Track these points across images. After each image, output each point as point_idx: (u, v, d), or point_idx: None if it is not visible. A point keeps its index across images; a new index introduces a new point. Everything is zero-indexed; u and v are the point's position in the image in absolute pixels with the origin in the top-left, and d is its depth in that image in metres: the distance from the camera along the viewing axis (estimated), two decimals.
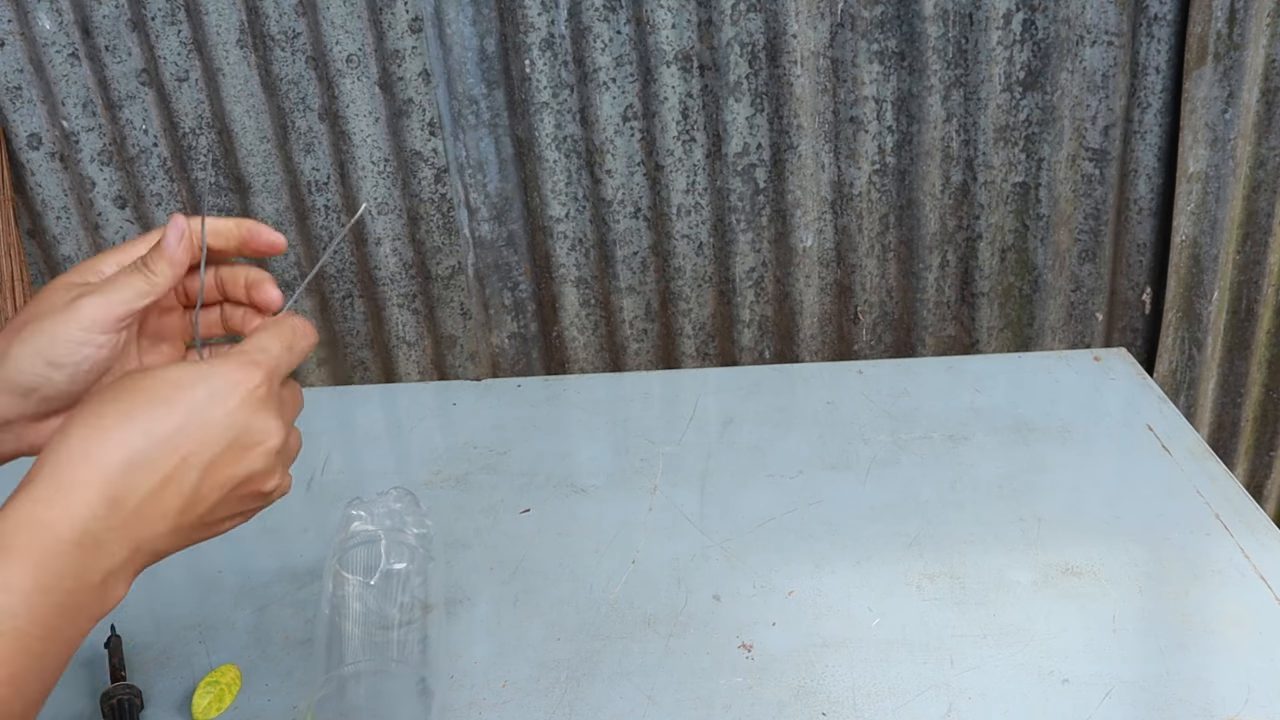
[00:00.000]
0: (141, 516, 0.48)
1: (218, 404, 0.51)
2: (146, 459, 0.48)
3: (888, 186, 1.79)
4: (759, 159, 1.78)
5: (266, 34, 1.75)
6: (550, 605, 0.86)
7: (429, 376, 2.03)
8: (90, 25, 1.77)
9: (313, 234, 1.89)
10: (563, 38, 1.72)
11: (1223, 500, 0.94)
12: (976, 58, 1.68)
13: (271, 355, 0.54)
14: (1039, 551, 0.89)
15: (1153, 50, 1.67)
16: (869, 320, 1.89)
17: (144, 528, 0.49)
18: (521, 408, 1.19)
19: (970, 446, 1.05)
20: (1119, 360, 1.20)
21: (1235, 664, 0.76)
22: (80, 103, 1.83)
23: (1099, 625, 0.80)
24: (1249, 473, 1.97)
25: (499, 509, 1.00)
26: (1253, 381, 1.88)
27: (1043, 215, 1.78)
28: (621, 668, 0.79)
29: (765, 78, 1.73)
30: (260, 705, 0.78)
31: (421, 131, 1.80)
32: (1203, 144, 1.69)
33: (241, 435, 0.51)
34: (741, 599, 0.86)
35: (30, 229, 1.94)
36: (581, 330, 1.94)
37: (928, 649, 0.79)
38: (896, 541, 0.91)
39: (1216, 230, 1.74)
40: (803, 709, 0.74)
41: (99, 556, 0.47)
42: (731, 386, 1.20)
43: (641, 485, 1.02)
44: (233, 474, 0.52)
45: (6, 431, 0.57)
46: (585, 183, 1.83)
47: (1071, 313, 1.85)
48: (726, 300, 1.89)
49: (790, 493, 0.99)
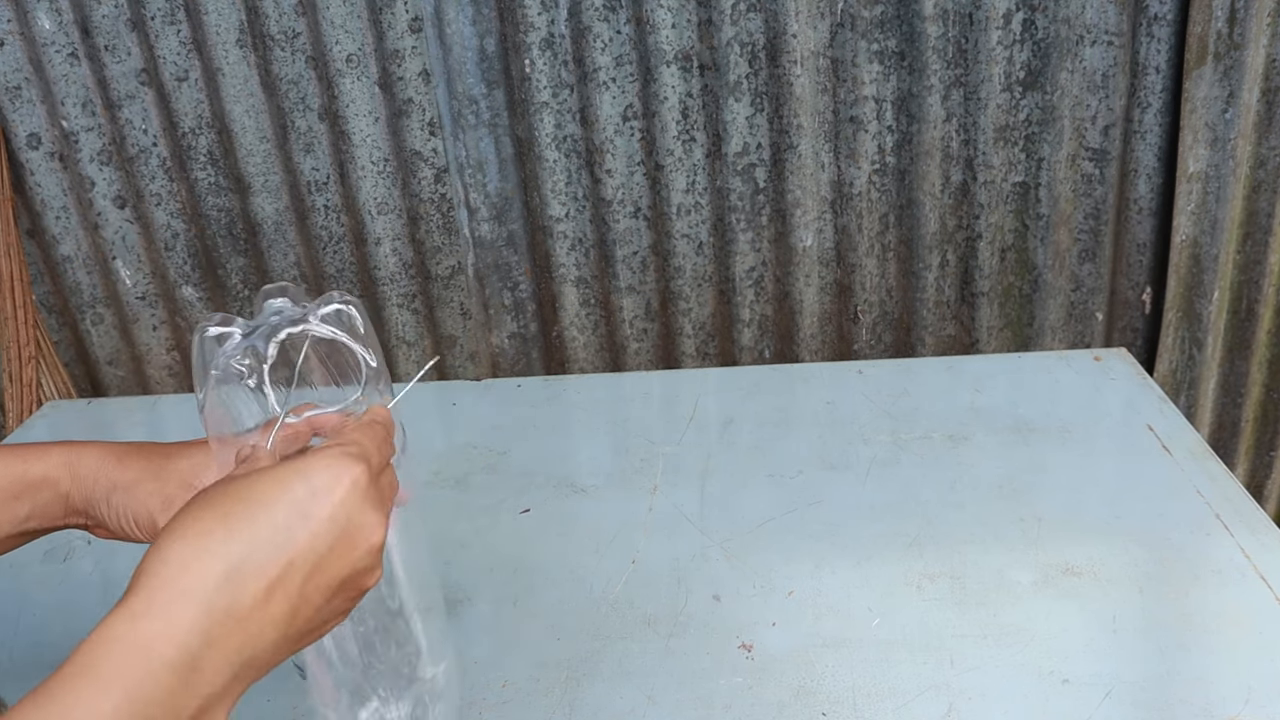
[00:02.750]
0: (246, 628, 0.44)
1: (321, 500, 0.48)
2: (251, 565, 0.45)
3: (888, 186, 1.79)
4: (759, 159, 1.78)
5: (266, 34, 1.75)
6: (550, 605, 0.86)
7: (429, 376, 2.03)
8: (90, 25, 1.77)
9: (312, 234, 1.89)
10: (563, 37, 1.72)
11: (1223, 500, 0.94)
12: (976, 57, 1.68)
13: (366, 448, 0.52)
14: (1039, 551, 0.89)
15: (1153, 50, 1.67)
16: (869, 320, 1.89)
17: (250, 641, 0.45)
18: (521, 408, 1.19)
19: (970, 446, 1.05)
20: (1119, 360, 1.20)
21: (1235, 664, 0.76)
22: (80, 102, 1.83)
23: (1099, 625, 0.80)
24: (1249, 473, 1.97)
25: (499, 509, 1.00)
26: (1253, 381, 1.88)
27: (1043, 215, 1.78)
28: (621, 668, 0.79)
29: (765, 77, 1.72)
30: (260, 705, 0.78)
31: (421, 131, 1.80)
32: (1203, 144, 1.69)
33: (346, 531, 0.48)
34: (741, 599, 0.86)
35: (30, 229, 1.94)
36: (581, 330, 1.94)
37: (928, 649, 0.79)
38: (896, 541, 0.91)
39: (1217, 230, 1.74)
40: (803, 709, 0.74)
41: (197, 682, 0.43)
42: (731, 386, 1.20)
43: (641, 485, 1.02)
44: (338, 572, 0.48)
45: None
46: (585, 182, 1.82)
47: (1071, 313, 1.85)
48: (726, 300, 1.89)
49: (790, 493, 0.99)
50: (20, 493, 0.63)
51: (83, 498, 0.64)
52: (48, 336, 1.99)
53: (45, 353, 1.96)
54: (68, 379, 2.00)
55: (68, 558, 0.97)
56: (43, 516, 0.64)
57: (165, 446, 0.67)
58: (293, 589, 0.46)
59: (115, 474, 0.63)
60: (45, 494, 0.63)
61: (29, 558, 0.97)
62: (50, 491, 0.63)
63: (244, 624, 0.44)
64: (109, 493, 0.63)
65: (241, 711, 0.76)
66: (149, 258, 1.95)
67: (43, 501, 0.63)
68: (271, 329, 0.58)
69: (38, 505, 0.63)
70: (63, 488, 0.64)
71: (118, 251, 1.94)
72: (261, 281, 1.95)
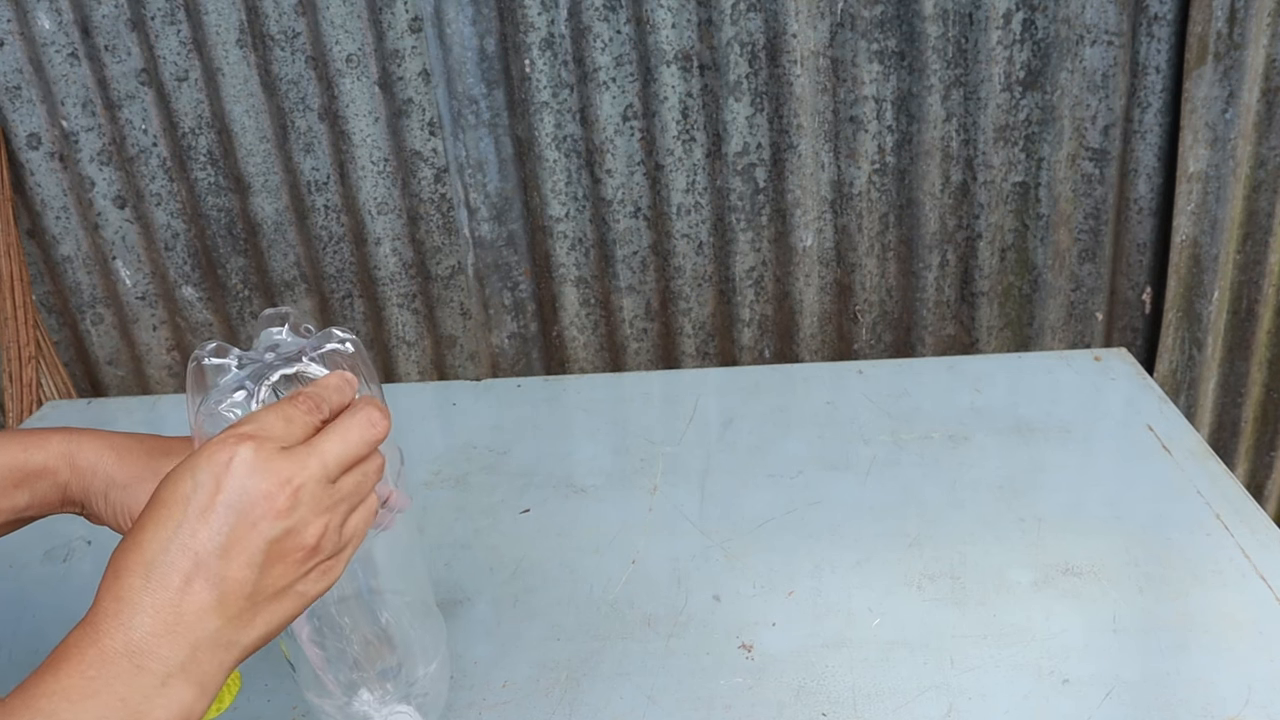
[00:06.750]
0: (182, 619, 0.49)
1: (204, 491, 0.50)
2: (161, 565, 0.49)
3: (887, 186, 1.79)
4: (759, 158, 1.78)
5: (266, 34, 1.75)
6: (550, 605, 0.86)
7: (429, 376, 2.03)
8: (90, 25, 1.77)
9: (312, 234, 1.89)
10: (563, 37, 1.72)
11: (1223, 500, 0.94)
12: (976, 57, 1.68)
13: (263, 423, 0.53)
14: (1039, 551, 0.89)
15: (1153, 50, 1.67)
16: (869, 320, 1.89)
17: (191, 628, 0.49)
18: (521, 408, 1.19)
19: (970, 446, 1.05)
20: (1119, 360, 1.20)
21: (1235, 664, 0.76)
22: (80, 102, 1.83)
23: (1099, 625, 0.80)
24: (1249, 473, 1.97)
25: (498, 509, 1.00)
26: (1253, 381, 1.88)
27: (1043, 215, 1.78)
28: (621, 668, 0.79)
29: (765, 77, 1.72)
30: (260, 705, 0.78)
31: (421, 131, 1.80)
32: (1203, 144, 1.69)
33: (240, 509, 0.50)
34: (741, 599, 0.86)
35: (30, 229, 1.94)
36: (581, 330, 1.94)
37: (928, 649, 0.79)
38: (896, 541, 0.91)
39: (1217, 230, 1.74)
40: (803, 709, 0.74)
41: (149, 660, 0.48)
42: (731, 386, 1.20)
43: (641, 485, 1.02)
44: (255, 547, 0.50)
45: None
46: (585, 182, 1.82)
47: (1071, 312, 1.85)
48: (726, 300, 1.89)
49: (790, 493, 0.99)
50: (20, 481, 0.64)
51: (80, 489, 0.65)
52: (48, 336, 1.99)
53: (45, 353, 1.96)
54: (68, 379, 2.00)
55: (68, 558, 0.97)
56: (41, 505, 0.65)
57: (164, 441, 0.67)
58: (212, 576, 0.50)
59: (114, 470, 0.64)
60: (44, 483, 0.64)
61: (29, 557, 0.97)
62: (49, 481, 0.64)
63: (178, 616, 0.49)
64: (106, 489, 0.64)
65: (241, 710, 0.76)
66: (149, 258, 1.95)
67: (41, 490, 0.64)
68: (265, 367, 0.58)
69: (36, 494, 0.64)
70: (61, 478, 0.64)
71: (118, 251, 1.94)
72: (262, 281, 1.95)
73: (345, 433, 0.55)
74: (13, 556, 0.98)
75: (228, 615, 0.50)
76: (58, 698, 0.46)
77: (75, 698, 0.46)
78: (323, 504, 0.53)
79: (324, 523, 0.53)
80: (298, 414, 0.54)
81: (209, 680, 0.50)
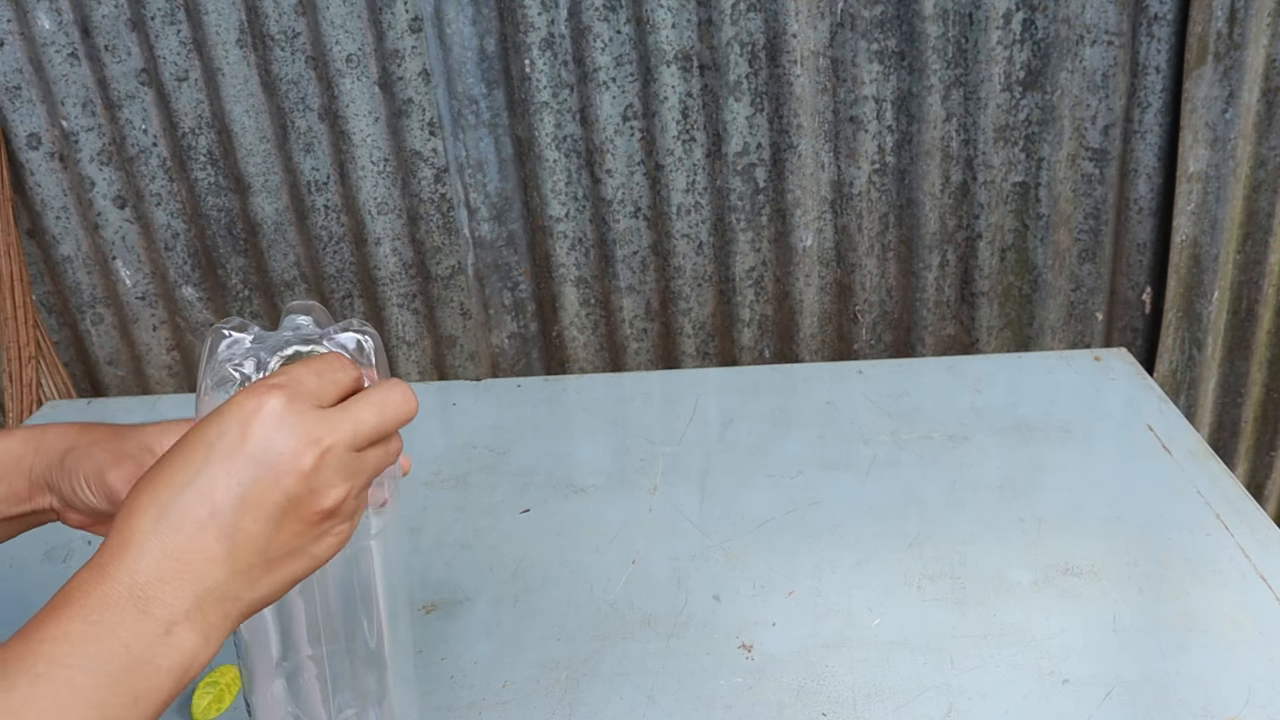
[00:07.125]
0: (191, 566, 0.48)
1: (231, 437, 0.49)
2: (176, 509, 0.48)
3: (887, 186, 1.79)
4: (759, 158, 1.78)
5: (266, 34, 1.75)
6: (550, 605, 0.86)
7: (429, 376, 2.03)
8: (90, 25, 1.77)
9: (312, 234, 1.89)
10: (563, 37, 1.72)
11: (1223, 500, 0.94)
12: (976, 57, 1.68)
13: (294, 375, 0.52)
14: (1039, 551, 0.89)
15: (1153, 50, 1.67)
16: (869, 320, 1.89)
17: (199, 576, 0.48)
18: (521, 408, 1.19)
19: (970, 446, 1.05)
20: (1119, 360, 1.20)
21: (1235, 664, 0.76)
22: (80, 102, 1.83)
23: (1099, 625, 0.80)
24: (1249, 473, 1.97)
25: (498, 509, 1.00)
26: (1253, 381, 1.88)
27: (1043, 215, 1.78)
28: (621, 668, 0.79)
29: (765, 77, 1.72)
30: None
31: (421, 131, 1.80)
32: (1203, 144, 1.69)
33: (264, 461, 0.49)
34: (741, 599, 0.86)
35: (30, 229, 1.94)
36: (581, 330, 1.94)
37: (928, 649, 0.79)
38: (896, 541, 0.91)
39: (1217, 230, 1.74)
40: (803, 709, 0.74)
41: (154, 605, 0.47)
42: (731, 386, 1.20)
43: (641, 485, 1.02)
44: (273, 502, 0.49)
45: None
46: (585, 182, 1.82)
47: (1071, 312, 1.85)
48: (726, 300, 1.89)
49: (790, 493, 0.99)
50: None
51: (43, 466, 0.64)
52: (48, 336, 1.99)
53: (45, 353, 1.96)
54: (67, 379, 2.00)
55: (68, 558, 0.97)
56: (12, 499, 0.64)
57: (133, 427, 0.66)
58: (225, 527, 0.48)
59: (74, 439, 0.64)
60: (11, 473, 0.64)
61: (29, 557, 0.97)
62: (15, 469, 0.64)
63: (186, 563, 0.48)
64: (64, 454, 0.63)
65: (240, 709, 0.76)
66: (149, 258, 1.95)
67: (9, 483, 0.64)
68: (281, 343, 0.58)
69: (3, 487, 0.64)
70: (25, 462, 0.64)
71: (118, 251, 1.94)
72: (262, 282, 1.95)
73: (382, 404, 0.53)
74: (13, 556, 0.98)
75: (236, 568, 0.49)
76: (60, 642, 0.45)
77: (78, 642, 0.45)
78: (347, 470, 0.51)
79: (346, 489, 0.51)
80: (330, 371, 0.53)
81: (213, 631, 0.49)
